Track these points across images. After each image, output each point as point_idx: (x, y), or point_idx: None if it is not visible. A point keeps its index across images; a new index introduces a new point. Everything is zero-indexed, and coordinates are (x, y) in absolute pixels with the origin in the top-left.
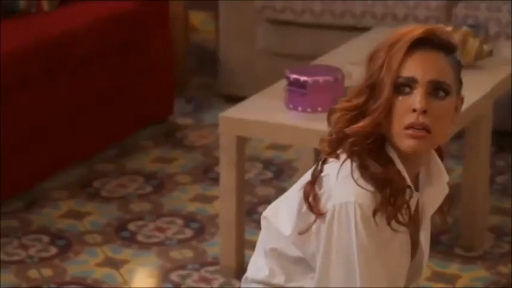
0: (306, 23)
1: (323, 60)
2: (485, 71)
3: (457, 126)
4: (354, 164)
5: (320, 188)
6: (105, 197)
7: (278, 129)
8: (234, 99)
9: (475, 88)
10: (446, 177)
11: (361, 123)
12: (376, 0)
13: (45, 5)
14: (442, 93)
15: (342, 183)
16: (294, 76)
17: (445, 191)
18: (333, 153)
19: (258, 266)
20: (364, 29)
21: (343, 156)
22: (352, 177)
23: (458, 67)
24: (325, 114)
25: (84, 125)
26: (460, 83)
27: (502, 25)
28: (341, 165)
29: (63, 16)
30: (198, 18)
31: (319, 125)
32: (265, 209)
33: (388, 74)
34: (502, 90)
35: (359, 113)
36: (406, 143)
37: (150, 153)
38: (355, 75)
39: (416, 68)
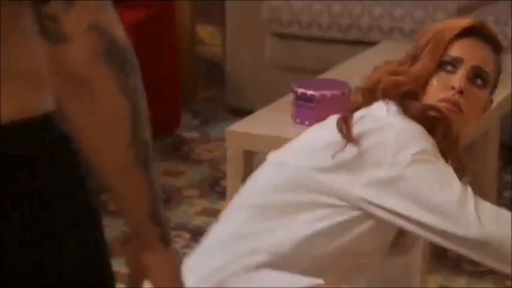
0: (313, 37)
1: (330, 74)
2: None
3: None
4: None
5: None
6: (112, 211)
7: (285, 143)
8: (241, 112)
9: None
10: None
11: (399, 78)
12: (384, 10)
13: None
14: (480, 82)
15: (393, 117)
16: (301, 90)
17: None
18: (366, 103)
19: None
20: (371, 43)
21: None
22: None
23: (498, 69)
24: None
25: None
26: (495, 85)
27: (509, 39)
28: (380, 106)
29: None
30: (205, 31)
31: None
32: None
33: (436, 49)
34: (510, 104)
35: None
36: None
37: (157, 167)
38: None
39: (464, 50)
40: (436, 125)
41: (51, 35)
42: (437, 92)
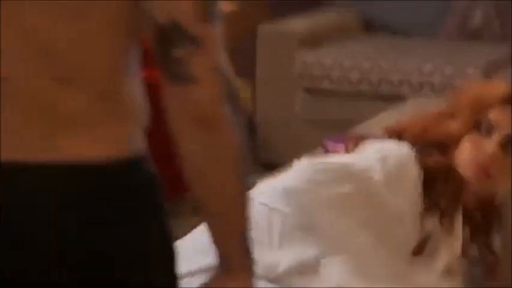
0: (343, 92)
1: (361, 129)
2: None
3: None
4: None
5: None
6: None
7: None
8: (271, 166)
9: None
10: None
11: (430, 128)
12: (414, 65)
13: None
14: (510, 150)
15: (399, 149)
16: (332, 147)
17: None
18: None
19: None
20: (401, 98)
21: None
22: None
23: None
24: None
25: None
26: None
27: None
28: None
29: None
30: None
31: None
32: None
33: (474, 113)
34: None
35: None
36: (465, 174)
37: (189, 221)
38: None
39: (501, 117)
40: (448, 180)
41: (177, 76)
42: (469, 153)
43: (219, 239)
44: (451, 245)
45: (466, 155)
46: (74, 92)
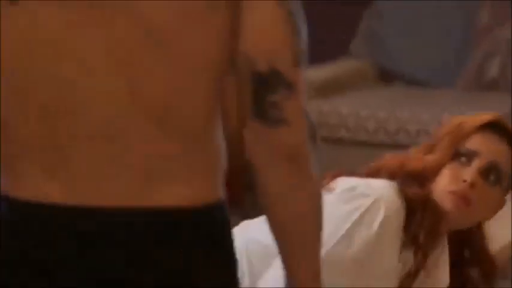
0: (360, 141)
1: None
2: None
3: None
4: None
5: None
6: None
7: None
8: None
9: None
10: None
11: (407, 160)
12: (431, 115)
13: None
14: (493, 178)
15: (381, 183)
16: None
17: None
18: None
19: None
20: None
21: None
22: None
23: None
24: None
25: None
26: (510, 184)
27: None
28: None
29: None
30: None
31: None
32: None
33: (453, 142)
34: None
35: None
36: (445, 203)
37: None
38: None
39: (480, 144)
40: (425, 212)
41: (269, 119)
42: (448, 182)
43: (291, 263)
44: (435, 279)
45: (444, 186)
46: (170, 139)
